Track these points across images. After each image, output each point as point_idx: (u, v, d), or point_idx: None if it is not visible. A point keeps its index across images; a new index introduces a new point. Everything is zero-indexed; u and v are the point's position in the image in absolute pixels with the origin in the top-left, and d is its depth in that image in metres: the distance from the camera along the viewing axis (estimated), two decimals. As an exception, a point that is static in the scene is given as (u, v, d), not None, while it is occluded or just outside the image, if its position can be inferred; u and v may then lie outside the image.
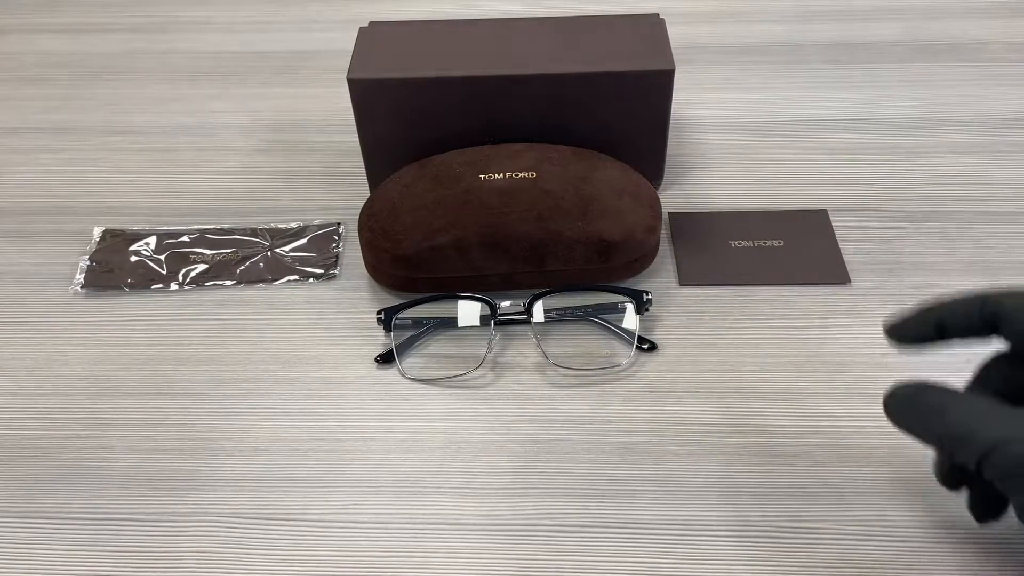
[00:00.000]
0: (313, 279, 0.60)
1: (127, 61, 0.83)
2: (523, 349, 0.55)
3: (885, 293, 0.57)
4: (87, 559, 0.46)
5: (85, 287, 0.60)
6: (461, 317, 0.55)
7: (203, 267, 0.61)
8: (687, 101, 0.74)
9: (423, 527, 0.47)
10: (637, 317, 0.55)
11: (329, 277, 0.60)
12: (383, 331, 0.56)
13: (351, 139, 0.63)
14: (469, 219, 0.55)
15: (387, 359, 0.55)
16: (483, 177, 0.58)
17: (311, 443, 0.51)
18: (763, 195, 0.65)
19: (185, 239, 0.63)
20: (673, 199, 0.65)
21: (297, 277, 0.60)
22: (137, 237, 0.64)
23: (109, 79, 0.81)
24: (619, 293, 0.56)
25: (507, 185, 0.57)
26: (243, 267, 0.61)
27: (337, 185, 0.68)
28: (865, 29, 0.83)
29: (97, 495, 0.49)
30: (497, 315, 0.54)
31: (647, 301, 0.55)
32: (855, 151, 0.69)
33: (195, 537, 0.47)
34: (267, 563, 0.45)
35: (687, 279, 0.59)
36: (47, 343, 0.57)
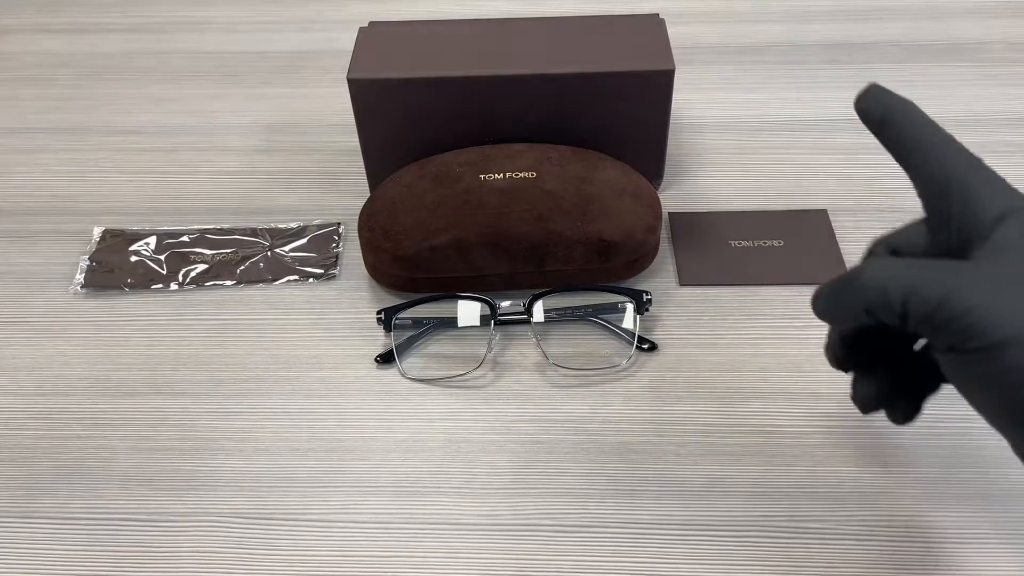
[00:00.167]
0: (313, 279, 0.60)
1: (127, 61, 0.83)
2: (523, 349, 0.55)
3: (885, 293, 0.57)
4: (87, 559, 0.46)
5: (85, 287, 0.60)
6: (461, 317, 0.55)
7: (203, 267, 0.61)
8: (687, 101, 0.74)
9: (423, 527, 0.47)
10: (637, 317, 0.55)
11: (329, 277, 0.60)
12: (383, 331, 0.56)
13: (351, 139, 0.63)
14: (469, 219, 0.55)
15: (387, 359, 0.55)
16: (483, 177, 0.58)
17: (311, 443, 0.51)
18: (763, 195, 0.65)
19: (185, 239, 0.63)
20: (673, 199, 0.65)
21: (297, 277, 0.60)
22: (137, 237, 0.64)
23: (109, 79, 0.81)
24: (619, 293, 0.56)
25: (507, 185, 0.57)
26: (243, 267, 0.61)
27: (337, 185, 0.68)
28: (865, 29, 0.83)
29: (97, 495, 0.49)
30: (497, 315, 0.54)
31: (647, 301, 0.55)
32: (855, 151, 0.69)
33: (195, 537, 0.47)
34: (267, 563, 0.45)
35: (687, 279, 0.59)
36: (47, 343, 0.57)
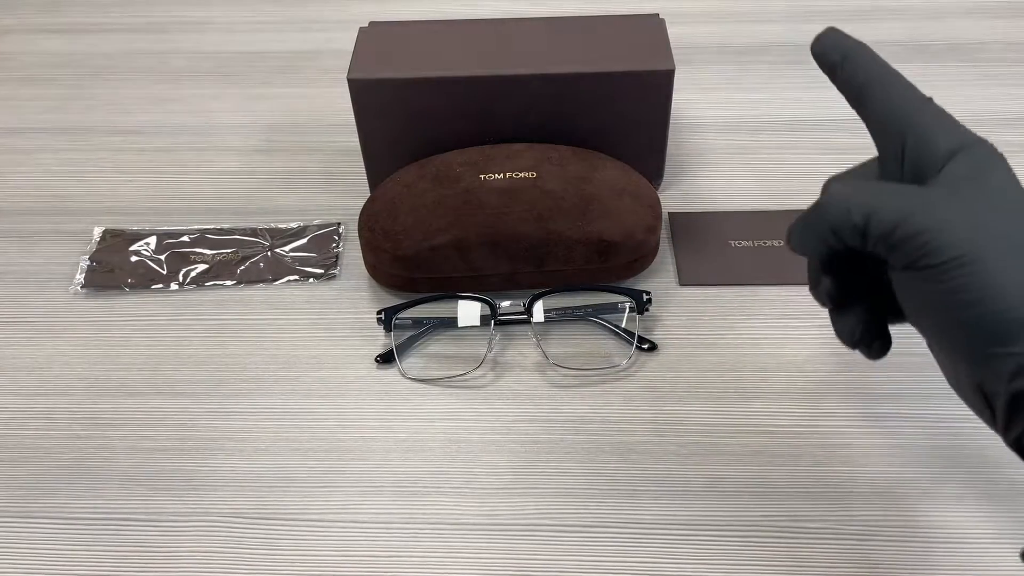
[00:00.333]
0: (313, 279, 0.60)
1: (127, 61, 0.83)
2: (523, 349, 0.55)
3: (885, 293, 0.57)
4: (87, 559, 0.46)
5: (85, 287, 0.60)
6: (461, 317, 0.55)
7: (203, 267, 0.61)
8: (687, 101, 0.74)
9: (423, 527, 0.47)
10: (637, 317, 0.55)
11: (329, 277, 0.60)
12: (383, 331, 0.56)
13: (351, 139, 0.63)
14: (469, 219, 0.55)
15: (387, 359, 0.55)
16: (483, 177, 0.58)
17: (311, 443, 0.51)
18: (763, 195, 0.65)
19: (185, 239, 0.63)
20: (673, 199, 0.65)
21: (297, 277, 0.60)
22: (137, 237, 0.63)
23: (109, 79, 0.81)
24: (619, 293, 0.56)
25: (507, 185, 0.57)
26: (243, 267, 0.61)
27: (337, 185, 0.68)
28: (865, 29, 0.82)
29: (97, 495, 0.49)
30: (497, 315, 0.54)
31: (647, 301, 0.55)
32: (855, 151, 0.68)
33: (195, 537, 0.47)
34: (267, 563, 0.45)
35: (687, 279, 0.59)
36: (47, 343, 0.57)
